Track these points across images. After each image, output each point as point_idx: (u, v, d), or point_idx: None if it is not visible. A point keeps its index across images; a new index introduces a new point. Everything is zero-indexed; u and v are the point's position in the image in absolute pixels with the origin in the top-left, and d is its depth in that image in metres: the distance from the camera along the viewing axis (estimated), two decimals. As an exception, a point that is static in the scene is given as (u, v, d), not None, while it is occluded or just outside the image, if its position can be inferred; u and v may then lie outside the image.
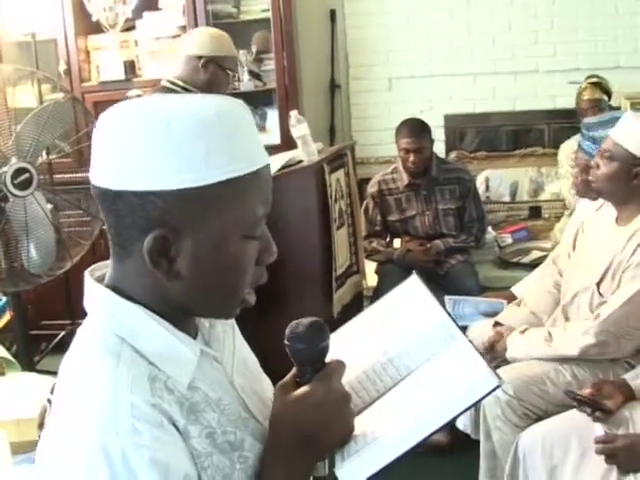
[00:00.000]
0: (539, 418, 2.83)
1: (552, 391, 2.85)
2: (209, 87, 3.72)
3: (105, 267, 1.17)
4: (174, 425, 1.05)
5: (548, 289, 3.27)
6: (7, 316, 4.52)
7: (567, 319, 3.01)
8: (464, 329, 1.42)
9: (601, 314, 2.79)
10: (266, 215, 1.12)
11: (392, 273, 4.51)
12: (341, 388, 1.18)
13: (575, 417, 2.59)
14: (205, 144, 1.03)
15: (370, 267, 4.61)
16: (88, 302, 1.15)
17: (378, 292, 4.52)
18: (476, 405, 1.20)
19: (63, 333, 4.87)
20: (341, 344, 1.29)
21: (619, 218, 2.93)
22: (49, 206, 4.01)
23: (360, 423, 1.20)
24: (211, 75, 3.74)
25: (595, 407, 2.52)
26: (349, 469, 1.16)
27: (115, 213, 1.07)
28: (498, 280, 4.65)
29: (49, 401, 2.48)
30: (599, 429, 2.51)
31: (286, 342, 1.18)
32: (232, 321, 1.28)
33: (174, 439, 1.04)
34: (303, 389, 1.15)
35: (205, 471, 1.06)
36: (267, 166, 1.11)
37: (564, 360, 2.91)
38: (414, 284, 1.43)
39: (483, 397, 1.18)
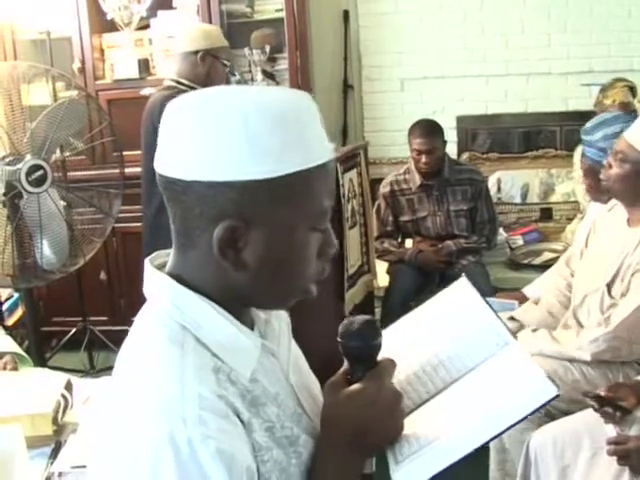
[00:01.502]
0: (547, 412, 2.83)
1: (560, 388, 2.85)
2: (209, 80, 3.84)
3: (165, 255, 1.18)
4: (238, 417, 1.05)
5: (562, 291, 3.27)
6: (19, 312, 4.54)
7: (578, 322, 3.01)
8: None
9: (612, 320, 2.79)
10: (331, 207, 1.13)
11: (403, 273, 4.52)
12: (393, 387, 1.19)
13: (587, 417, 2.58)
14: (281, 136, 1.04)
15: (381, 267, 4.61)
16: (148, 289, 1.15)
17: (389, 292, 4.54)
18: (533, 414, 1.18)
19: (74, 330, 4.90)
20: (390, 343, 1.30)
21: (630, 220, 2.93)
22: (62, 203, 4.02)
23: (410, 424, 1.20)
24: (209, 68, 3.86)
25: (615, 407, 2.51)
26: (405, 472, 1.16)
27: (184, 203, 1.07)
28: (509, 281, 4.64)
29: (63, 396, 2.49)
30: (611, 430, 2.50)
31: (339, 339, 1.19)
32: (287, 318, 1.29)
33: (238, 431, 1.05)
34: (356, 386, 1.16)
35: (264, 464, 1.07)
36: (332, 160, 1.12)
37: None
38: (464, 287, 1.43)
39: (542, 406, 1.18)
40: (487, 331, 1.31)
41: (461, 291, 1.42)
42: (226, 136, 1.04)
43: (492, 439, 1.16)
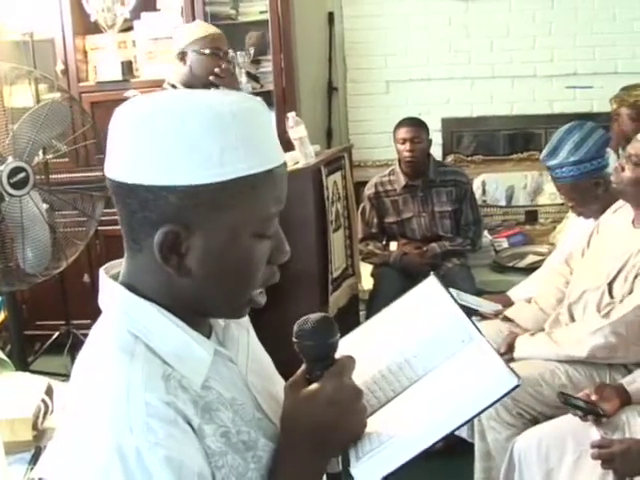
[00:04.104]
0: (533, 418, 2.83)
1: (547, 392, 2.86)
2: (193, 76, 3.83)
3: (120, 265, 1.18)
4: (189, 424, 1.04)
5: (561, 289, 3.28)
6: (1, 316, 4.50)
7: (572, 318, 3.01)
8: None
9: (612, 315, 2.80)
10: (278, 214, 1.11)
11: (388, 276, 4.51)
12: (352, 384, 1.17)
13: (571, 421, 2.58)
14: (220, 141, 1.03)
15: (366, 270, 4.60)
16: (103, 299, 1.15)
17: (374, 295, 4.52)
18: (495, 404, 1.18)
19: (57, 333, 4.86)
20: (358, 343, 1.29)
21: (636, 221, 2.94)
22: (45, 206, 3.99)
23: (376, 422, 1.20)
24: (191, 63, 3.84)
25: (588, 411, 2.52)
26: (364, 468, 1.15)
27: (128, 207, 1.07)
28: (494, 284, 4.65)
29: (43, 401, 2.47)
30: (595, 434, 2.50)
31: (295, 339, 1.17)
32: (247, 323, 1.28)
33: (188, 437, 1.03)
34: (314, 386, 1.14)
35: (219, 470, 1.06)
36: (282, 165, 1.10)
37: (561, 362, 2.91)
38: (432, 284, 1.42)
39: (503, 396, 1.17)
40: (453, 328, 1.30)
41: (429, 289, 1.42)
42: (165, 140, 1.03)
43: (451, 432, 1.15)
